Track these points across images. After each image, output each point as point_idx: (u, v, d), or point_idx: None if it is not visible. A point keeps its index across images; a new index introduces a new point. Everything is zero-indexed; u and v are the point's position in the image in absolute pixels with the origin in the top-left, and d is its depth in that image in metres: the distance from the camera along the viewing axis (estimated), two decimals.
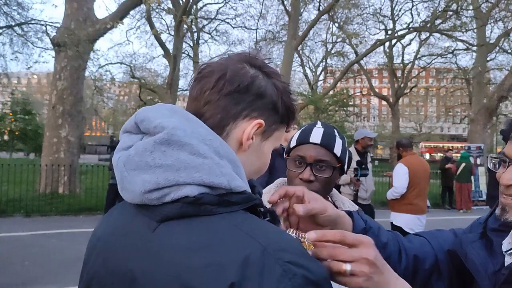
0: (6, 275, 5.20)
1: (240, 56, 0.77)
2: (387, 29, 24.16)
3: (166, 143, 0.65)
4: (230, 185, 0.65)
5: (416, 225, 5.02)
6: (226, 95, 0.72)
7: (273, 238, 0.62)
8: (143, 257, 0.65)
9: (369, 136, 5.36)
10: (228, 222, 0.63)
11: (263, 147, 0.77)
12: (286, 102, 0.77)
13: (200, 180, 0.64)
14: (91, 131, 59.02)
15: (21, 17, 14.52)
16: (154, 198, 0.64)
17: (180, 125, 0.67)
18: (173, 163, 0.64)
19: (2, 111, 26.68)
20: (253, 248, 0.59)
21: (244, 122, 0.73)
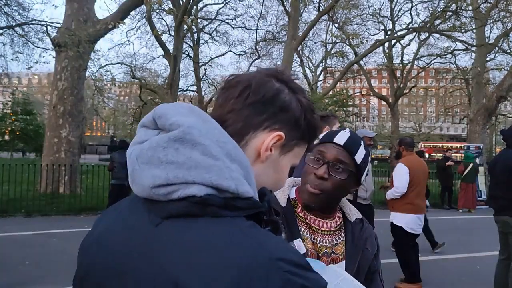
0: (7, 275, 5.23)
1: (268, 70, 0.78)
2: (387, 29, 24.18)
3: (180, 141, 0.65)
4: (238, 190, 0.64)
5: (416, 225, 5.04)
6: (250, 105, 0.73)
7: (275, 247, 0.61)
8: (140, 252, 0.64)
9: (368, 136, 5.36)
10: (234, 225, 0.62)
11: (281, 161, 0.77)
12: (309, 119, 0.77)
13: (209, 181, 0.63)
14: (92, 131, 59.01)
15: (22, 18, 14.56)
16: (162, 194, 0.64)
17: (195, 125, 0.66)
18: (184, 161, 0.64)
19: (3, 111, 26.67)
20: (256, 254, 0.59)
21: (264, 133, 0.73)
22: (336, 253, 1.24)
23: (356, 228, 1.30)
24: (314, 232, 1.23)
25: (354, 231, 1.29)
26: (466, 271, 5.87)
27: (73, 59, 11.60)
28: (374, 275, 1.29)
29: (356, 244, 1.27)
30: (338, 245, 1.25)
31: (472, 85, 21.86)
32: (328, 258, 1.22)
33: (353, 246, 1.26)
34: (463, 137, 45.95)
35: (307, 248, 1.18)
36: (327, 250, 1.23)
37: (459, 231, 9.07)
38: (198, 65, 28.56)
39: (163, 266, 0.60)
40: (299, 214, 1.26)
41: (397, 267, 5.18)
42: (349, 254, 1.25)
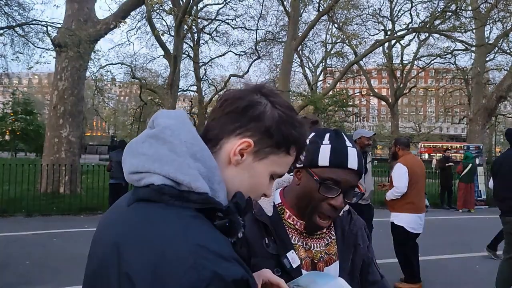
0: (7, 274, 5.24)
1: (255, 85, 0.87)
2: (387, 29, 24.22)
3: (155, 138, 0.78)
4: (191, 184, 0.73)
5: (417, 224, 5.03)
6: (227, 114, 0.83)
7: (199, 234, 0.68)
8: (108, 224, 0.80)
9: (366, 136, 5.32)
10: (176, 213, 0.72)
11: (255, 167, 0.83)
12: (283, 131, 0.82)
13: (167, 173, 0.74)
14: (92, 131, 59.02)
15: (22, 18, 14.56)
16: (135, 180, 0.78)
17: (171, 126, 0.78)
18: (153, 154, 0.76)
19: (3, 111, 26.68)
20: (177, 238, 0.67)
21: (236, 139, 0.81)
22: (329, 254, 1.20)
23: (345, 222, 1.27)
24: (306, 238, 1.19)
25: (344, 225, 1.26)
26: (466, 271, 5.88)
27: (73, 59, 11.61)
28: (371, 267, 1.28)
29: (347, 241, 1.24)
30: (330, 244, 1.22)
31: (472, 85, 21.90)
32: (322, 262, 1.18)
33: (344, 244, 1.23)
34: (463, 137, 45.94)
35: (300, 258, 1.14)
36: (322, 254, 1.19)
37: (459, 231, 9.08)
38: (198, 65, 28.56)
39: (114, 234, 0.74)
40: (288, 221, 1.19)
41: (397, 267, 5.19)
42: (341, 253, 1.21)
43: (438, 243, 7.54)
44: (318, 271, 1.16)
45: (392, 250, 5.23)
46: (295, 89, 27.18)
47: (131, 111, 38.89)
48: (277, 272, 1.06)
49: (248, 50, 28.39)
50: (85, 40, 11.25)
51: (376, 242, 5.70)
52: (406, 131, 42.46)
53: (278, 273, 1.06)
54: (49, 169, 10.69)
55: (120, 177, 9.25)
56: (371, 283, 1.26)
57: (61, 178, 11.15)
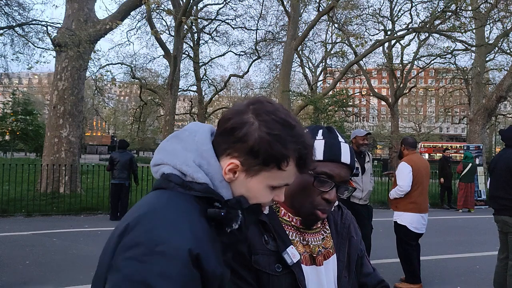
0: (7, 274, 5.24)
1: (252, 101, 0.92)
2: (387, 29, 24.20)
3: (175, 137, 0.93)
4: (193, 175, 0.86)
5: (420, 224, 5.02)
6: (220, 134, 0.91)
7: (160, 216, 0.80)
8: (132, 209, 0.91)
9: (360, 135, 5.26)
10: (173, 195, 0.85)
11: (248, 183, 0.89)
12: (268, 150, 0.86)
13: (174, 164, 0.88)
14: (92, 131, 59.02)
15: (22, 18, 14.55)
16: (155, 171, 0.92)
17: (190, 129, 0.93)
18: (170, 150, 0.91)
19: (3, 111, 26.66)
20: (135, 218, 0.81)
21: (226, 159, 0.89)
22: (326, 248, 1.22)
23: (336, 216, 1.30)
24: (303, 233, 1.21)
25: (336, 219, 1.29)
26: (466, 271, 5.88)
27: (73, 59, 11.62)
28: (363, 260, 1.32)
29: (341, 234, 1.27)
30: (326, 238, 1.24)
31: (472, 85, 21.89)
32: (321, 256, 1.20)
33: (339, 237, 1.26)
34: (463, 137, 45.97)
35: (299, 253, 1.15)
36: (320, 248, 1.21)
37: (459, 231, 9.08)
38: (198, 65, 28.56)
39: (128, 215, 0.86)
40: (284, 218, 1.20)
41: (397, 267, 5.19)
42: (337, 246, 1.24)
43: (438, 243, 7.55)
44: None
45: (392, 250, 5.24)
46: (295, 89, 27.15)
47: (131, 111, 38.91)
48: (278, 268, 1.08)
49: (248, 50, 28.43)
50: (85, 40, 11.25)
51: (376, 242, 5.71)
52: (406, 131, 42.44)
53: (279, 269, 1.08)
54: (49, 169, 10.69)
55: (123, 177, 9.25)
56: (365, 274, 1.31)
57: (61, 178, 11.15)
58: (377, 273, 1.35)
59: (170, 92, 19.65)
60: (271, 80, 30.80)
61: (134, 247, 0.76)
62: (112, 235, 0.85)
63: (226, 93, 40.31)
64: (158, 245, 0.75)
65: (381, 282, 1.32)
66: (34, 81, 58.58)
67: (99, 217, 9.74)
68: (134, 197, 10.49)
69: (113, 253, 0.79)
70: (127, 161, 9.24)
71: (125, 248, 0.77)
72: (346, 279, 1.22)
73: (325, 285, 1.18)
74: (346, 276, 1.22)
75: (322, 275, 1.18)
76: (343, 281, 1.21)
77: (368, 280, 1.31)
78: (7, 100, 27.23)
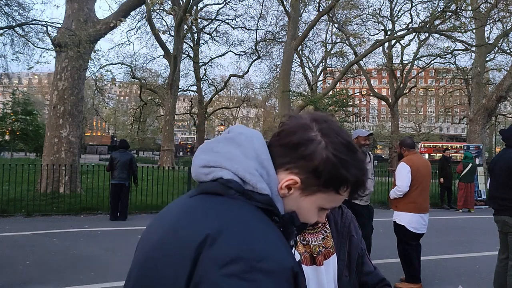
0: (7, 274, 5.23)
1: (317, 117, 0.88)
2: (387, 29, 24.21)
3: (230, 140, 0.86)
4: (256, 185, 0.80)
5: (419, 224, 5.00)
6: (280, 145, 0.86)
7: (249, 228, 0.73)
8: (169, 211, 0.85)
9: (362, 136, 5.23)
10: (235, 205, 0.78)
11: (301, 202, 0.86)
12: (332, 173, 0.83)
13: (236, 170, 0.80)
14: (92, 131, 59.02)
15: (22, 18, 14.55)
16: (203, 173, 0.84)
17: (246, 134, 0.87)
18: (226, 153, 0.83)
19: (3, 111, 26.66)
20: (216, 227, 0.72)
21: (285, 173, 0.85)
22: (326, 247, 1.22)
23: (337, 215, 1.30)
24: (303, 233, 1.21)
25: (336, 219, 1.29)
26: (466, 271, 5.87)
27: (73, 59, 11.62)
28: (364, 258, 1.31)
29: (341, 233, 1.27)
30: (326, 238, 1.24)
31: (472, 85, 21.89)
32: (321, 255, 1.21)
33: (339, 236, 1.26)
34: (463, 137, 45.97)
35: (299, 253, 1.16)
36: (320, 248, 1.21)
37: (459, 231, 9.08)
38: (198, 65, 28.58)
39: (169, 217, 0.81)
40: None
41: (397, 267, 5.19)
42: (338, 245, 1.24)
43: (438, 243, 7.54)
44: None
45: (392, 250, 5.24)
46: (295, 89, 27.16)
47: (131, 111, 38.93)
48: None
49: (248, 50, 28.47)
50: (85, 40, 11.24)
51: (376, 242, 5.71)
52: (406, 131, 42.44)
53: None
54: (49, 169, 10.69)
55: (123, 177, 9.24)
56: (366, 273, 1.30)
57: (61, 178, 11.15)
58: (378, 271, 1.34)
59: (170, 92, 19.66)
60: (271, 80, 30.84)
61: (233, 262, 0.68)
62: (170, 245, 0.76)
63: (226, 93, 40.32)
64: (261, 261, 0.69)
65: (382, 280, 1.32)
66: (34, 81, 58.60)
67: (99, 217, 9.74)
68: (134, 197, 10.49)
69: (191, 269, 0.71)
70: (127, 161, 9.23)
71: (220, 263, 0.69)
72: (347, 279, 1.22)
73: (326, 285, 1.18)
74: (347, 276, 1.22)
75: (323, 275, 1.18)
76: (343, 281, 1.21)
77: (369, 279, 1.30)
78: (7, 100, 27.24)
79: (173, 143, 21.58)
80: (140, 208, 10.36)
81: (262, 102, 41.41)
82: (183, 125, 60.02)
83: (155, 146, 46.46)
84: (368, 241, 5.21)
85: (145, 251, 0.81)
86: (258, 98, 39.40)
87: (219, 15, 25.57)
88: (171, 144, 20.79)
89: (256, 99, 39.58)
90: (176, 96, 22.37)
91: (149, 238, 0.83)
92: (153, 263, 0.77)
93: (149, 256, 0.79)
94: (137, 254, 0.85)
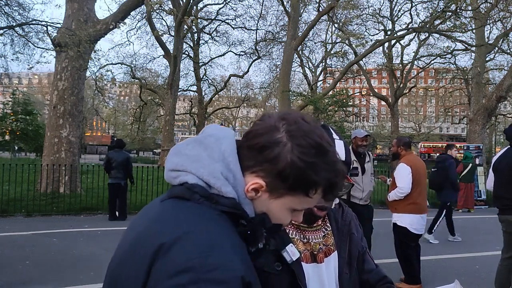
0: (7, 274, 5.23)
1: (285, 117, 0.85)
2: (387, 29, 24.21)
3: (199, 142, 0.85)
4: (221, 189, 0.79)
5: (420, 225, 4.99)
6: (246, 148, 0.84)
7: (202, 237, 0.72)
8: (141, 215, 0.86)
9: (359, 136, 5.21)
10: (201, 210, 0.78)
11: (270, 204, 0.84)
12: (298, 177, 0.80)
13: (201, 175, 0.80)
14: (92, 131, 59.02)
15: (22, 18, 14.53)
16: (172, 177, 0.84)
17: (216, 135, 0.85)
18: (193, 156, 0.83)
19: (3, 111, 26.67)
20: (172, 237, 0.72)
21: (251, 176, 0.83)
22: (327, 245, 1.23)
23: (337, 214, 1.31)
24: (304, 231, 1.22)
25: (337, 217, 1.30)
26: (466, 271, 5.87)
27: (73, 59, 11.62)
28: (365, 256, 1.32)
29: (342, 231, 1.27)
30: (327, 236, 1.25)
31: (472, 85, 21.89)
32: (322, 253, 1.21)
33: (340, 234, 1.27)
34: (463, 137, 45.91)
35: (299, 251, 1.16)
36: (321, 246, 1.22)
37: (459, 231, 9.07)
38: (198, 65, 28.57)
39: (152, 227, 0.79)
40: None
41: (397, 267, 5.18)
42: (338, 243, 1.25)
43: (438, 243, 7.55)
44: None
45: (392, 250, 5.23)
46: (295, 89, 27.15)
47: (131, 111, 38.91)
48: (278, 267, 1.06)
49: (248, 50, 28.45)
50: (85, 40, 11.24)
51: (376, 242, 5.71)
52: (406, 131, 42.45)
53: (278, 267, 1.06)
54: (49, 169, 10.69)
55: (119, 177, 9.23)
56: (367, 271, 1.31)
57: (61, 178, 11.15)
58: (380, 269, 1.35)
59: (170, 92, 19.67)
60: (271, 80, 30.82)
61: (181, 272, 0.68)
62: (135, 248, 0.77)
63: (226, 93, 40.30)
64: (210, 272, 0.68)
65: (383, 278, 1.32)
66: (34, 81, 58.58)
67: (99, 217, 9.74)
68: (134, 197, 10.49)
69: (146, 275, 0.72)
70: (124, 161, 9.21)
71: (170, 274, 0.69)
72: (348, 276, 1.22)
73: (326, 282, 1.18)
74: (347, 273, 1.23)
75: (323, 273, 1.18)
76: (344, 278, 1.21)
77: (370, 276, 1.31)
78: (7, 100, 27.26)
79: (173, 143, 21.57)
80: (140, 208, 10.26)
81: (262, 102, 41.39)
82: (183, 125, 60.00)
83: (155, 146, 46.49)
84: (368, 241, 5.20)
85: (117, 259, 0.82)
86: (258, 98, 39.38)
87: (219, 15, 25.58)
88: (171, 144, 20.79)
89: (256, 99, 39.57)
90: (176, 96, 22.38)
91: (122, 245, 0.84)
92: (121, 273, 0.78)
93: (119, 267, 0.80)
94: (110, 262, 0.86)
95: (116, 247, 0.87)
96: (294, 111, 0.89)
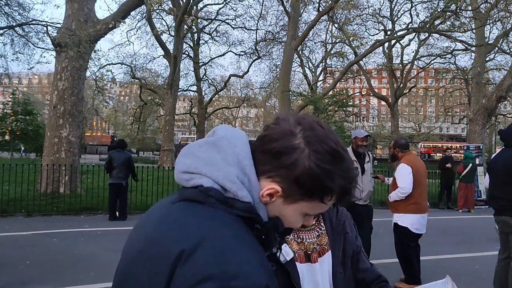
0: (7, 274, 5.23)
1: (302, 122, 0.84)
2: (387, 29, 24.19)
3: (212, 144, 0.83)
4: (237, 193, 0.78)
5: (421, 224, 4.99)
6: (261, 152, 0.83)
7: (221, 245, 0.70)
8: (150, 217, 0.84)
9: (359, 136, 5.20)
10: (219, 213, 0.76)
11: (284, 209, 0.83)
12: (315, 183, 0.80)
13: (216, 178, 0.78)
14: (92, 131, 59.02)
15: (22, 18, 14.52)
16: (184, 179, 0.82)
17: (229, 138, 0.83)
18: (206, 158, 0.81)
19: (3, 111, 26.69)
20: (192, 243, 0.70)
21: (266, 181, 0.82)
22: (321, 244, 1.24)
23: (332, 213, 1.31)
24: (298, 231, 1.22)
25: (331, 217, 1.30)
26: (466, 271, 5.87)
27: (73, 59, 11.62)
28: (360, 255, 1.32)
29: (336, 230, 1.28)
30: (321, 235, 1.25)
31: (471, 85, 21.89)
32: (316, 252, 1.21)
33: (334, 233, 1.27)
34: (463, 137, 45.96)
35: (293, 251, 1.16)
36: (314, 246, 1.22)
37: (459, 231, 9.08)
38: (198, 65, 28.57)
39: (150, 226, 0.80)
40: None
41: (397, 267, 5.19)
42: (332, 242, 1.25)
43: (438, 243, 7.55)
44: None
45: (392, 250, 5.23)
46: (295, 89, 27.16)
47: (131, 111, 38.91)
48: (272, 267, 1.07)
49: (248, 50, 28.45)
50: (85, 40, 11.24)
51: (376, 242, 5.71)
52: (406, 131, 42.47)
53: (272, 267, 1.07)
54: (49, 169, 10.69)
55: (121, 177, 9.24)
56: (363, 270, 1.31)
57: (61, 178, 11.15)
58: (375, 268, 1.35)
59: (170, 92, 19.66)
60: (271, 80, 30.82)
61: (204, 281, 0.66)
62: (146, 249, 0.76)
63: (226, 93, 40.29)
64: (233, 280, 0.67)
65: (379, 277, 1.33)
66: (34, 81, 58.60)
67: (99, 217, 9.74)
68: (134, 197, 10.49)
69: (167, 283, 0.70)
70: (125, 161, 9.23)
71: (192, 282, 0.67)
72: (342, 275, 1.23)
73: (320, 282, 1.18)
74: (342, 272, 1.23)
75: (317, 272, 1.18)
76: (338, 277, 1.22)
77: (366, 275, 1.31)
78: (7, 100, 27.27)
79: (173, 143, 21.59)
80: (140, 208, 10.36)
81: (262, 102, 41.41)
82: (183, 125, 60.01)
83: (155, 146, 46.46)
84: (368, 241, 5.20)
85: (127, 260, 0.81)
86: (258, 98, 39.38)
87: (219, 15, 25.58)
88: (171, 144, 20.79)
89: (256, 99, 39.57)
90: (176, 96, 22.36)
91: (132, 246, 0.82)
92: (132, 275, 0.76)
93: (129, 268, 0.79)
94: (119, 262, 0.84)
95: (122, 249, 0.86)
96: (308, 115, 0.89)
